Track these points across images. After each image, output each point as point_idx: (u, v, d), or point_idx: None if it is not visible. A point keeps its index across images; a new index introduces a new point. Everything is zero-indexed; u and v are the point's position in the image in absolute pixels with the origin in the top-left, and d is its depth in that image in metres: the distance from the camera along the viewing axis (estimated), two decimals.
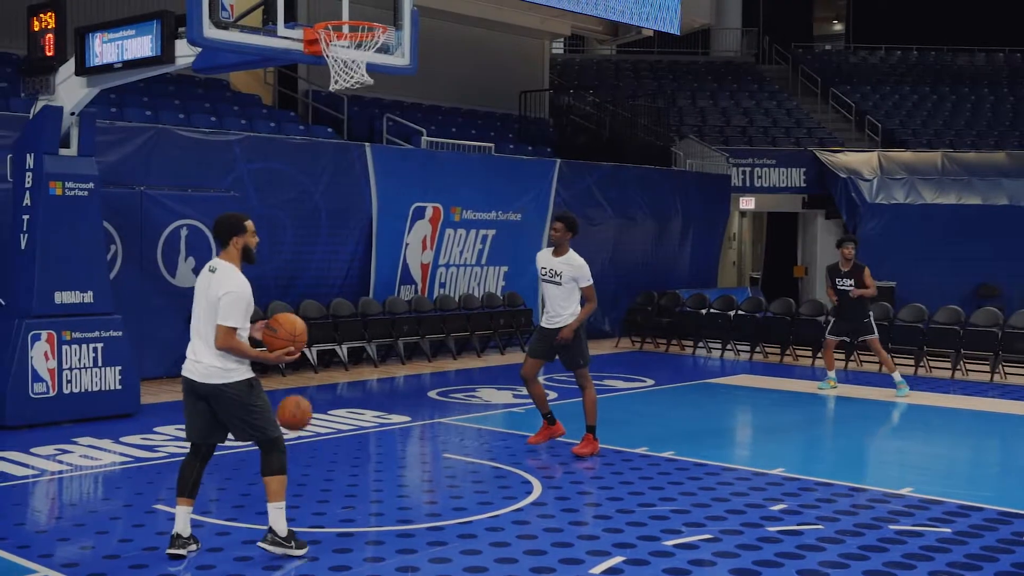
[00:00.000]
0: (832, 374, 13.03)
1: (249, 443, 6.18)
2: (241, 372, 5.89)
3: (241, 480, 7.82)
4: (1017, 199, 22.26)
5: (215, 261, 6.04)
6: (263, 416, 5.94)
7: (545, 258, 8.96)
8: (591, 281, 8.79)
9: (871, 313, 12.80)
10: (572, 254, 8.81)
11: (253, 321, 6.02)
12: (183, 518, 6.02)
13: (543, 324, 9.00)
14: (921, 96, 28.34)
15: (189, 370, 5.97)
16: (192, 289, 12.88)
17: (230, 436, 6.10)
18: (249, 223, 6.10)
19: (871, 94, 28.17)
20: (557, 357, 8.97)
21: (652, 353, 16.70)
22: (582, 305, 8.82)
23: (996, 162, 23.39)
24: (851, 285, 12.54)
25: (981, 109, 27.59)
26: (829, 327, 13.08)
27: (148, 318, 12.43)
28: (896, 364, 12.93)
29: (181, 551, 5.97)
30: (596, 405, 8.97)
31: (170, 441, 9.25)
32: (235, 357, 5.84)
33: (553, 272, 8.80)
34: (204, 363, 5.87)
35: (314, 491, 7.52)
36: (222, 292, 5.80)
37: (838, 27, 37.98)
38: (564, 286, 8.75)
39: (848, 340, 13.32)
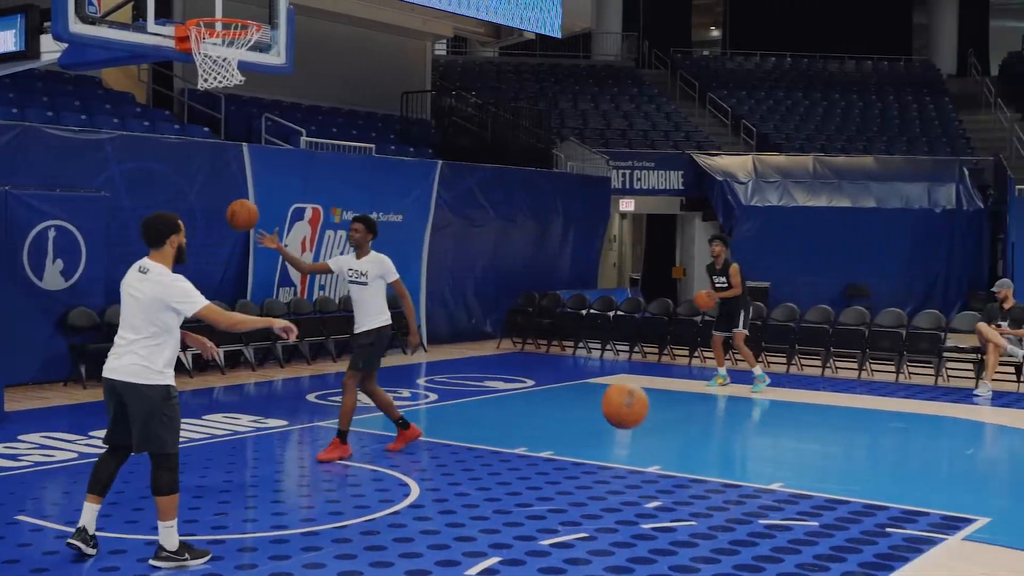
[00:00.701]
0: (721, 371, 13.29)
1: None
2: (164, 377, 5.81)
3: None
4: (884, 202, 23.05)
5: (146, 262, 5.90)
6: (168, 428, 5.84)
7: (348, 261, 8.88)
8: (398, 275, 8.84)
9: (742, 310, 13.05)
10: (375, 253, 8.81)
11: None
12: (90, 513, 5.91)
13: (355, 330, 8.83)
14: (794, 101, 29.13)
15: (110, 368, 5.85)
16: (60, 292, 12.54)
17: None
18: (181, 221, 6.03)
19: (746, 99, 28.84)
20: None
21: (533, 354, 16.80)
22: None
23: (864, 166, 24.18)
24: (724, 282, 12.87)
25: (851, 115, 28.49)
26: (715, 323, 13.43)
27: (13, 322, 11.95)
28: (769, 362, 13.26)
29: (80, 544, 5.86)
30: (352, 413, 8.80)
31: (35, 449, 8.95)
32: (161, 360, 5.78)
33: (359, 272, 8.74)
34: (129, 362, 5.78)
35: (186, 498, 7.33)
36: (177, 301, 5.75)
37: (715, 33, 38.79)
38: (371, 285, 8.71)
39: (729, 336, 13.59)
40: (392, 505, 7.28)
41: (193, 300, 5.78)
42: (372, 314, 8.75)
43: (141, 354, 5.78)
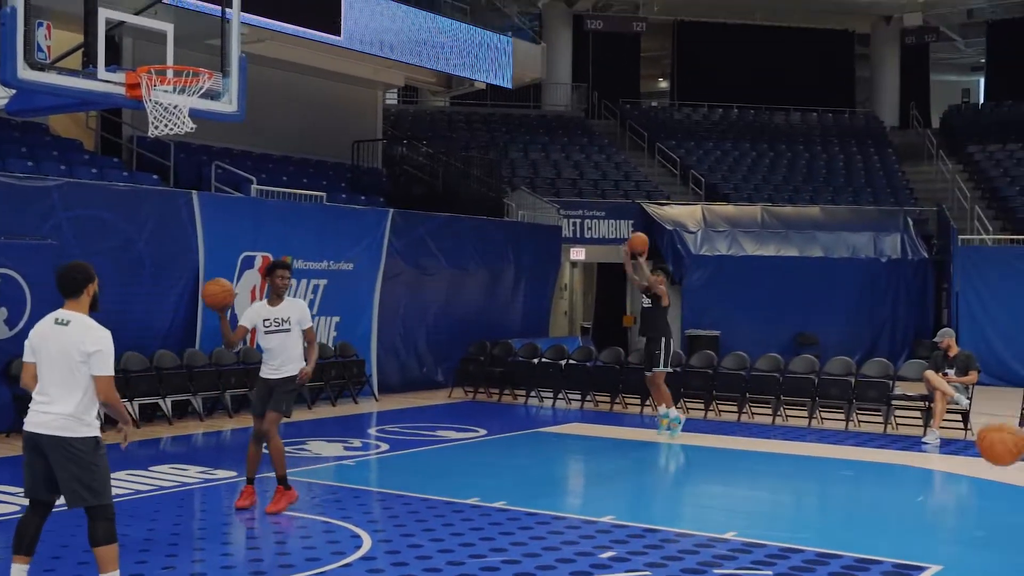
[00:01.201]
0: (663, 410, 13.26)
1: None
2: (92, 428, 5.73)
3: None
4: (831, 251, 23.34)
5: (63, 313, 5.83)
6: (101, 479, 5.75)
7: (261, 311, 8.70)
8: (312, 322, 8.82)
9: (664, 349, 13.15)
10: (291, 299, 8.79)
11: None
12: (19, 575, 5.77)
13: (263, 376, 8.70)
14: (741, 152, 29.53)
15: (34, 423, 5.73)
16: (4, 341, 12.29)
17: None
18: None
19: (695, 149, 29.20)
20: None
21: (485, 403, 16.72)
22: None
23: (811, 216, 24.50)
24: (649, 302, 13.22)
25: (797, 165, 28.93)
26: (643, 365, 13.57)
27: None
28: (720, 411, 13.29)
29: None
30: (284, 453, 8.74)
31: None
32: (90, 412, 5.72)
33: (282, 320, 8.60)
34: (56, 414, 5.67)
35: (132, 551, 7.19)
36: (93, 348, 5.69)
37: (663, 84, 39.35)
38: (293, 331, 8.64)
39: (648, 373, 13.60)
40: (344, 557, 7.17)
41: (103, 368, 5.72)
42: (295, 359, 8.65)
43: (68, 407, 5.68)
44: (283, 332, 8.63)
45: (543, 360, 16.98)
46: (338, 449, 11.83)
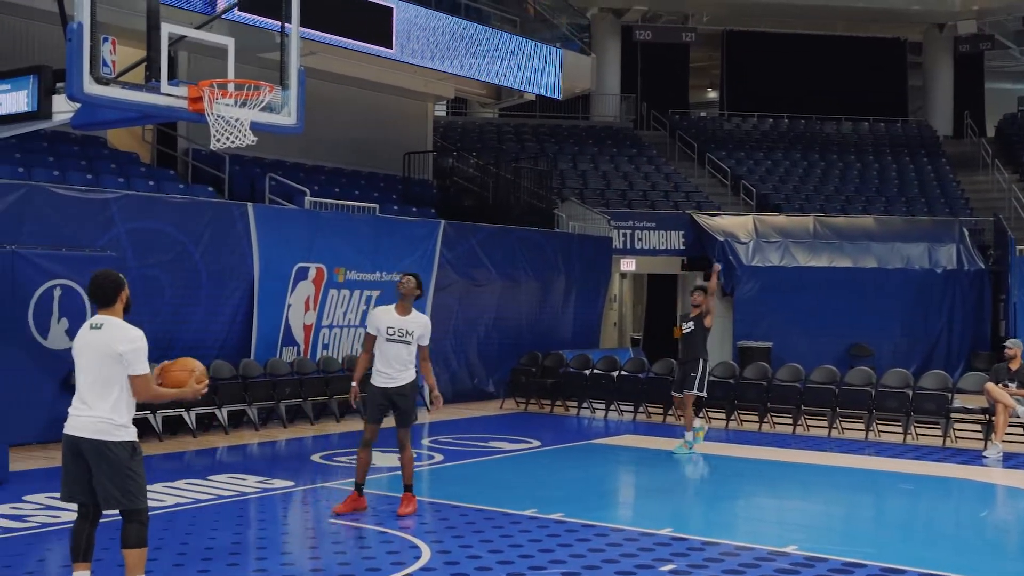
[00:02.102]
0: (697, 425, 13.06)
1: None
2: (129, 433, 5.81)
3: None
4: (885, 262, 23.09)
5: (98, 318, 5.95)
6: (137, 484, 5.83)
7: (391, 317, 8.77)
8: (428, 341, 8.94)
9: (700, 372, 12.83)
10: (416, 312, 8.87)
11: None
12: None
13: (381, 385, 8.75)
14: (793, 162, 29.31)
15: (74, 426, 5.83)
16: (65, 351, 12.46)
17: None
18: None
19: (745, 160, 29.02)
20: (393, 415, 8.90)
21: (537, 414, 16.70)
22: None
23: (864, 226, 24.26)
24: (691, 327, 12.86)
25: (849, 176, 28.65)
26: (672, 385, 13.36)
27: (18, 381, 11.91)
28: (775, 423, 13.14)
29: None
30: (413, 462, 9.03)
31: (40, 510, 8.84)
32: (126, 416, 5.79)
33: (406, 332, 8.71)
34: (92, 417, 5.77)
35: (194, 560, 7.25)
36: (124, 347, 5.77)
37: (712, 95, 39.17)
38: (412, 345, 8.75)
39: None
40: (404, 568, 7.18)
41: (135, 367, 5.79)
42: (408, 368, 8.80)
43: (103, 410, 5.78)
44: (403, 344, 8.72)
45: (595, 371, 16.94)
46: (393, 459, 11.74)
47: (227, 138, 8.16)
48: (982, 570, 7.38)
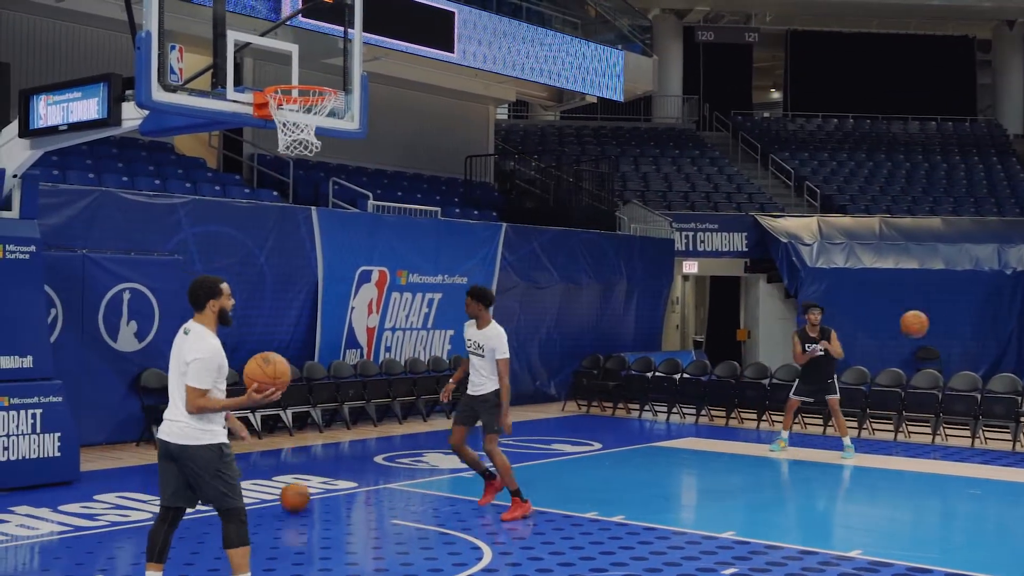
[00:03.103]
0: (785, 435, 13.05)
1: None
2: (213, 436, 5.92)
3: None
4: (952, 264, 22.72)
5: (189, 324, 6.08)
6: (228, 484, 5.93)
7: (470, 330, 9.10)
8: (507, 355, 8.92)
9: (835, 375, 12.93)
10: (493, 325, 8.97)
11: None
12: None
13: (468, 392, 9.12)
14: (858, 163, 28.94)
15: (163, 431, 5.98)
16: (134, 353, 12.73)
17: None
18: (225, 286, 6.17)
19: (809, 160, 28.72)
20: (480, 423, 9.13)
21: (598, 416, 16.69)
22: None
23: (931, 227, 23.89)
24: (823, 351, 12.66)
25: (916, 176, 28.23)
26: (794, 387, 13.17)
27: (88, 383, 12.20)
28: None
29: None
30: (510, 468, 9.09)
31: (110, 510, 9.03)
32: (208, 419, 5.89)
33: (476, 344, 8.98)
34: (178, 423, 5.91)
35: (260, 559, 7.36)
36: (191, 357, 5.89)
37: (776, 95, 38.81)
38: (486, 357, 8.92)
39: (811, 401, 13.28)
40: (466, 568, 7.23)
41: (193, 379, 5.85)
42: (491, 379, 8.95)
43: (186, 415, 5.88)
44: (477, 356, 8.98)
45: (657, 374, 16.88)
46: (455, 461, 11.79)
47: (293, 143, 8.27)
48: None
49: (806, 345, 12.75)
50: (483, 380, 8.97)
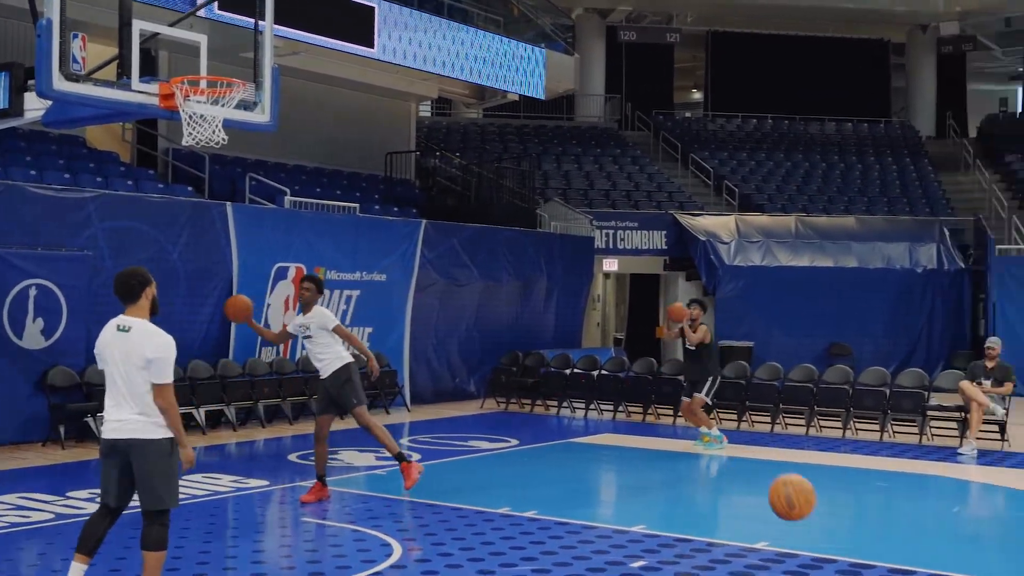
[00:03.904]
0: (705, 430, 13.18)
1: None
2: (167, 430, 5.81)
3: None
4: (866, 262, 23.18)
5: (125, 319, 5.88)
6: (168, 483, 5.82)
7: (297, 319, 9.67)
8: (337, 320, 9.58)
9: (709, 379, 13.09)
10: (317, 307, 9.50)
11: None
12: (77, 573, 5.84)
13: (320, 379, 9.57)
14: (775, 163, 29.37)
15: (110, 429, 5.81)
16: (40, 351, 12.41)
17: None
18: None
19: (728, 160, 29.08)
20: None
21: (517, 413, 16.71)
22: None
23: (846, 226, 24.35)
24: (694, 346, 13.10)
25: (831, 176, 28.73)
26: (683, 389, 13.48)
27: None
28: (753, 422, 13.20)
29: None
30: (388, 433, 9.65)
31: (11, 510, 8.81)
32: (159, 415, 5.78)
33: (306, 328, 9.46)
34: (129, 420, 5.74)
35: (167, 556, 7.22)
36: (153, 355, 5.74)
37: (697, 95, 39.25)
38: (316, 336, 9.39)
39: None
40: (374, 565, 7.18)
41: (160, 375, 5.75)
42: (332, 359, 9.42)
43: (138, 411, 5.75)
44: (307, 338, 9.49)
45: (575, 371, 16.95)
46: (370, 459, 11.84)
47: (200, 135, 8.15)
48: (954, 565, 7.41)
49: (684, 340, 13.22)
50: (324, 361, 9.40)
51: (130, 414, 5.75)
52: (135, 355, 5.74)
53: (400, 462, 9.52)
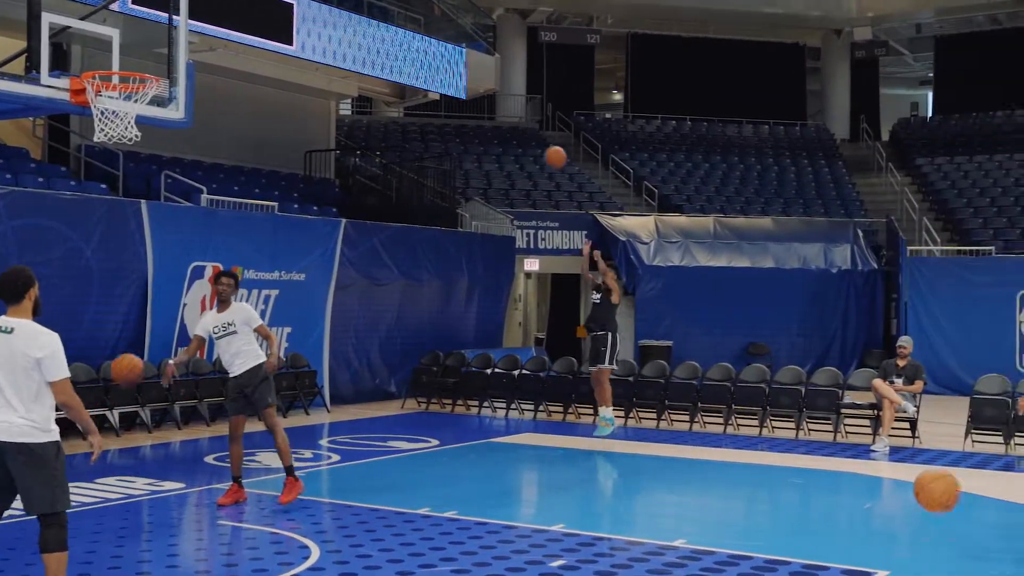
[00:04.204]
0: (603, 411, 13.41)
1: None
2: (53, 434, 5.66)
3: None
4: (782, 262, 23.54)
5: (6, 320, 5.72)
6: (59, 486, 5.67)
7: (212, 318, 9.41)
8: (261, 320, 9.50)
9: (610, 346, 13.43)
10: (236, 303, 9.44)
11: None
12: None
13: (232, 377, 9.32)
14: (694, 164, 29.71)
15: None
16: None
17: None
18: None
19: (648, 161, 29.34)
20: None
21: (438, 414, 16.66)
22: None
23: (763, 227, 24.70)
24: (598, 298, 13.46)
25: (749, 177, 29.15)
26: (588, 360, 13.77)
27: None
28: (672, 420, 13.35)
29: None
30: (288, 446, 9.37)
31: None
32: (51, 417, 5.66)
33: (227, 324, 9.23)
34: (16, 422, 5.57)
35: (75, 564, 7.05)
36: (41, 353, 5.61)
37: (617, 97, 39.54)
38: (239, 333, 9.22)
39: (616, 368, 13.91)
40: (291, 568, 7.09)
41: (57, 371, 5.64)
42: (251, 355, 9.26)
43: (25, 413, 5.60)
44: (230, 335, 9.22)
45: (496, 370, 16.95)
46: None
47: (112, 131, 8.00)
48: (867, 560, 7.55)
49: (592, 294, 13.75)
50: (240, 359, 9.21)
51: (14, 417, 5.60)
52: (20, 356, 5.61)
53: (288, 475, 9.26)
